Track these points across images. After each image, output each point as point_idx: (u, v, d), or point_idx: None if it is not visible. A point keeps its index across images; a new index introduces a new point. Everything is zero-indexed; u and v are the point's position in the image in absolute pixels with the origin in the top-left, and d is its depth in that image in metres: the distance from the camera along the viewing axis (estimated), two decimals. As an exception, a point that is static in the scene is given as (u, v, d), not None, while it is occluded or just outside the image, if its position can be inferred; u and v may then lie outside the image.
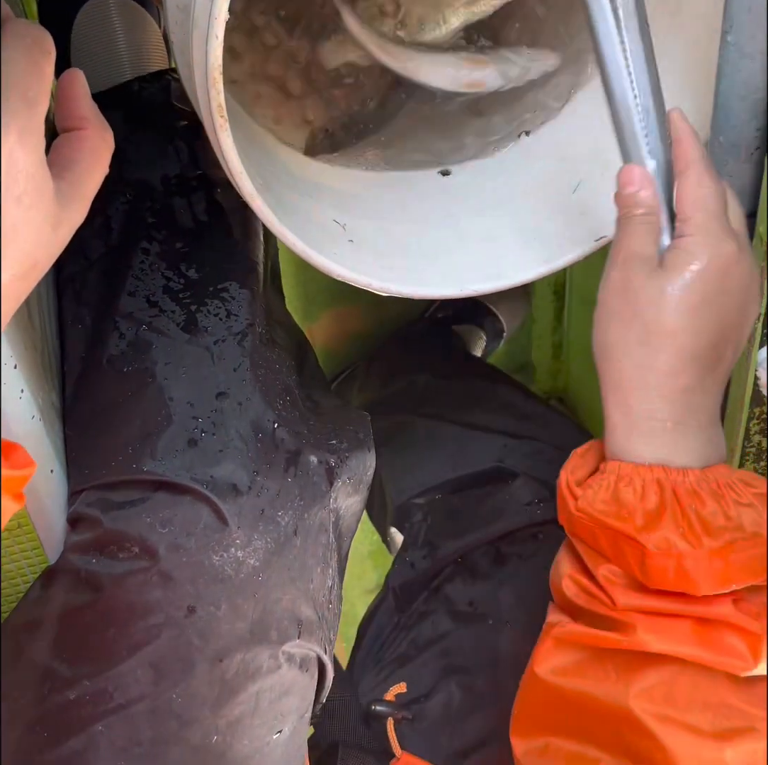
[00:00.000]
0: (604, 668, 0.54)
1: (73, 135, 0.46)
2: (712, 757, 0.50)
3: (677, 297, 0.53)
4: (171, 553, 0.60)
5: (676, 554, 0.51)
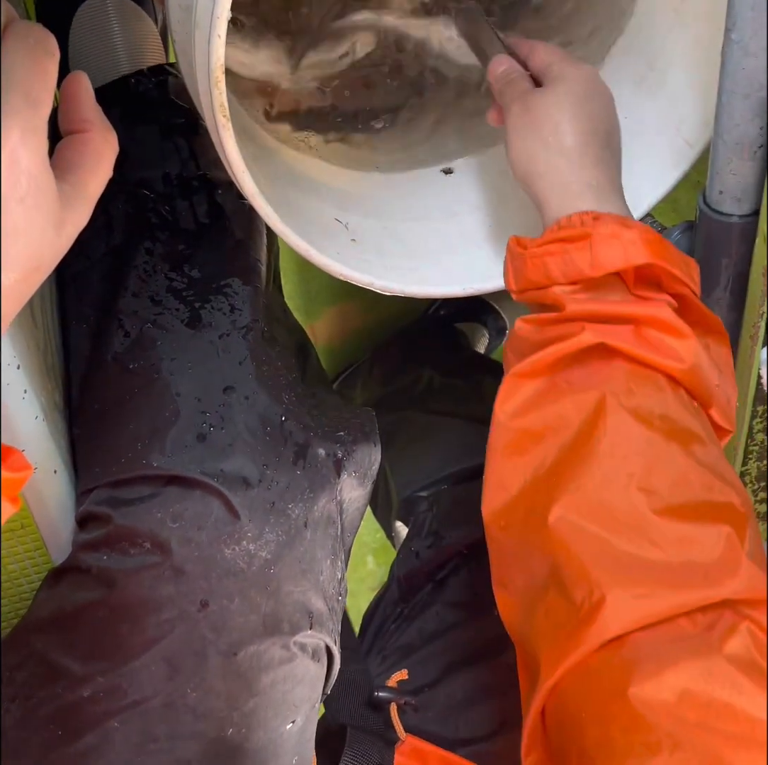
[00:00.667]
0: (558, 388, 0.58)
1: (77, 137, 0.46)
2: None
3: (562, 99, 0.66)
4: (183, 547, 0.60)
5: (618, 233, 0.59)
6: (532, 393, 0.59)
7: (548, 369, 0.59)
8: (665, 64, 0.74)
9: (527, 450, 0.58)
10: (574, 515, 0.52)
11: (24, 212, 0.42)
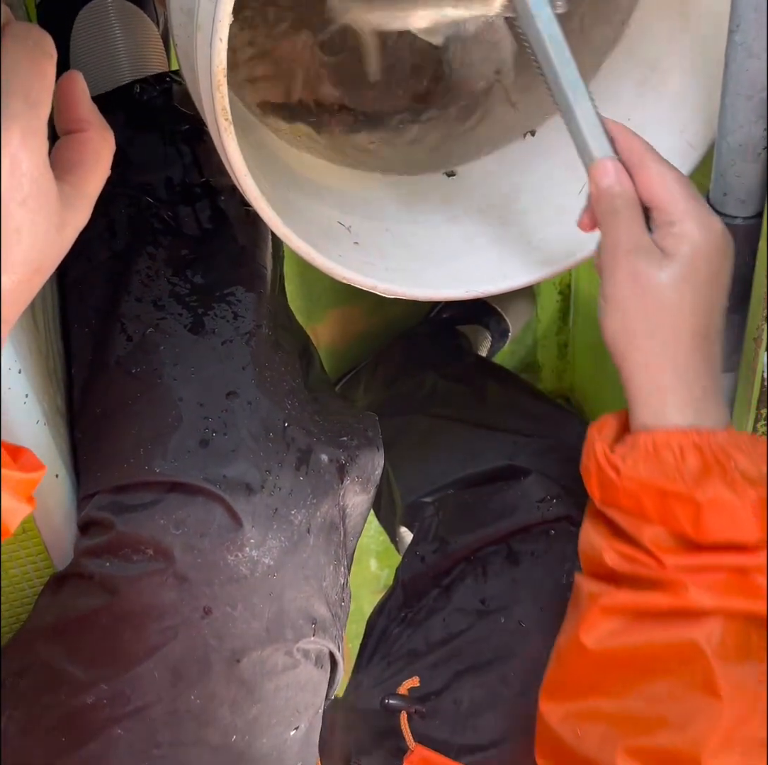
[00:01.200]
0: (652, 627, 0.56)
1: (75, 137, 0.46)
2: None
3: (690, 279, 0.57)
4: (185, 554, 0.60)
5: (726, 504, 0.53)
6: (615, 625, 0.57)
7: (640, 611, 0.56)
8: (668, 65, 0.74)
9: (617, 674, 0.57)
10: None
11: (26, 214, 0.42)
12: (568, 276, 1.29)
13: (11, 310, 0.44)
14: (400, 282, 0.69)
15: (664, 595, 0.55)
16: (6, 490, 0.44)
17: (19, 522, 0.45)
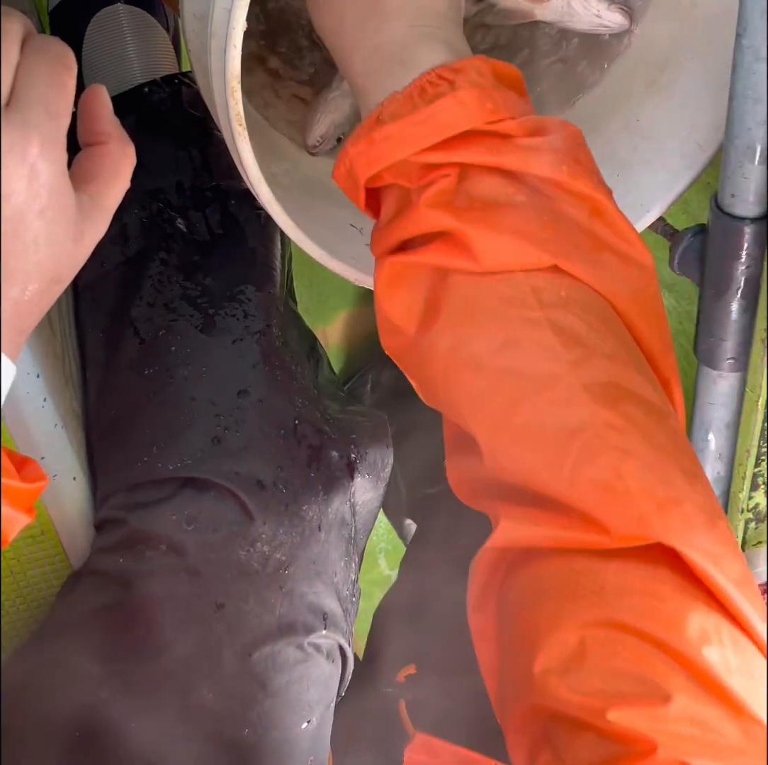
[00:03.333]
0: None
1: (95, 149, 0.47)
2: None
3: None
4: (198, 549, 0.61)
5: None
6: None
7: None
8: (676, 67, 0.74)
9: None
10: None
11: (43, 225, 0.43)
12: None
13: (27, 320, 0.45)
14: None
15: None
16: (5, 500, 0.44)
17: (16, 532, 0.45)
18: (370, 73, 0.54)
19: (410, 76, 0.52)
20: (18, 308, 0.43)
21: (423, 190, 0.51)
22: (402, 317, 0.53)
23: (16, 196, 0.41)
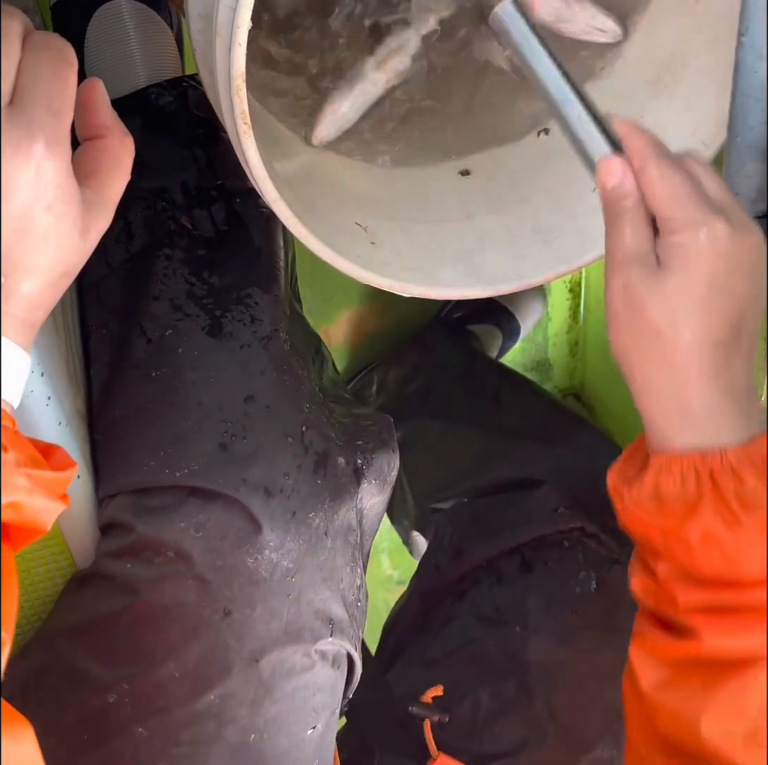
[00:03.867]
0: (690, 682, 0.51)
1: (95, 143, 0.47)
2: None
3: (683, 295, 0.51)
4: (205, 556, 0.60)
5: (717, 541, 0.49)
6: (663, 671, 0.53)
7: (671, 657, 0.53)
8: (680, 65, 0.74)
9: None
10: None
11: (51, 220, 0.43)
12: (578, 274, 1.29)
13: (38, 314, 0.45)
14: (417, 281, 0.69)
15: (686, 642, 0.51)
16: (39, 489, 0.44)
17: (54, 519, 0.46)
18: (707, 417, 0.52)
19: (721, 438, 0.51)
20: (30, 303, 0.44)
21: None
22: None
23: (24, 193, 0.42)
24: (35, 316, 0.45)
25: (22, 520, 0.44)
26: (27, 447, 0.45)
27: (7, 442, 0.43)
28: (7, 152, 0.41)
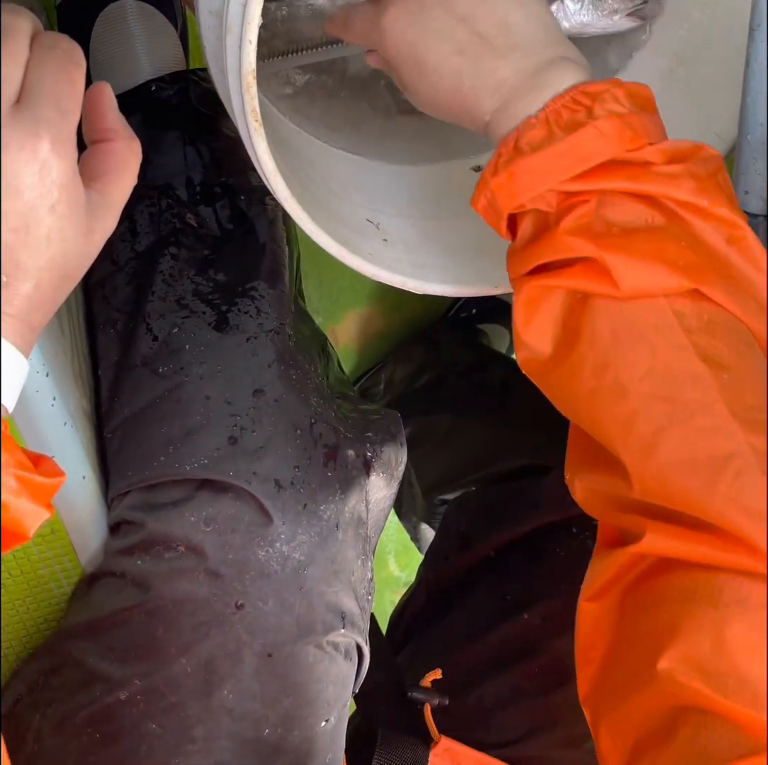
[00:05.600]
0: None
1: (102, 146, 0.47)
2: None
3: (399, 28, 0.56)
4: (217, 550, 0.60)
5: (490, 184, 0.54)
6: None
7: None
8: (695, 58, 0.74)
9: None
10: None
11: (55, 221, 0.43)
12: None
13: (38, 316, 0.45)
14: (430, 278, 0.69)
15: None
16: (27, 492, 0.44)
17: (37, 526, 0.45)
18: (499, 106, 0.55)
19: (543, 99, 0.53)
20: (30, 304, 0.44)
21: (561, 215, 0.53)
22: (538, 338, 0.54)
23: (29, 191, 0.42)
24: (35, 319, 0.45)
25: (6, 522, 0.44)
26: (17, 451, 0.44)
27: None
28: (12, 151, 0.41)
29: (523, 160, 0.52)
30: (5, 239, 0.42)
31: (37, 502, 0.45)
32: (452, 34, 0.55)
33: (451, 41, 0.55)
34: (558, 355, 0.54)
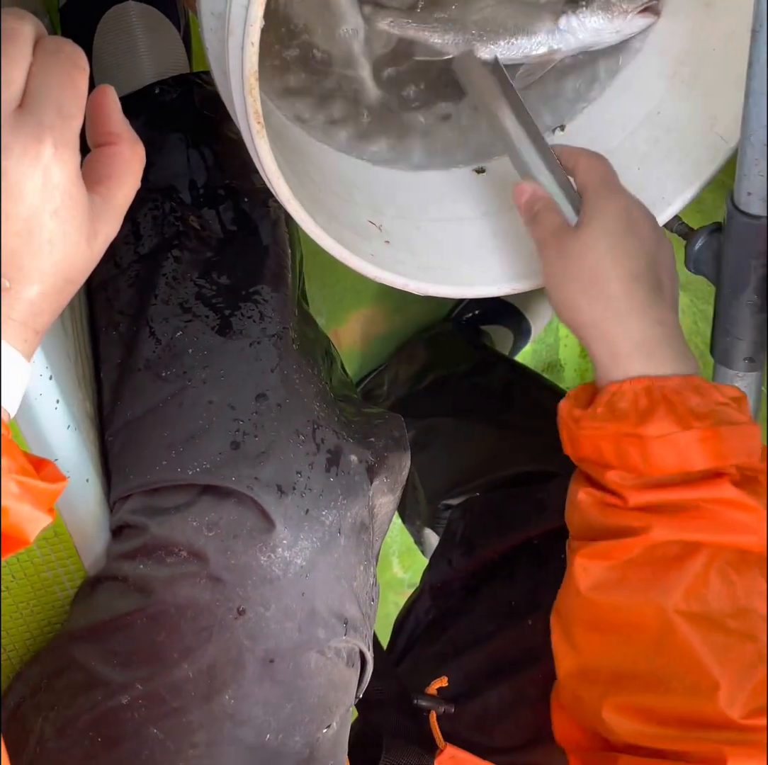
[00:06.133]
0: (637, 578, 0.58)
1: (105, 150, 0.47)
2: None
3: (599, 237, 0.63)
4: (219, 555, 0.60)
5: (672, 437, 0.58)
6: (606, 574, 0.60)
7: (618, 558, 0.60)
8: (697, 59, 0.74)
9: (605, 632, 0.60)
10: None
11: (57, 225, 0.43)
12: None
13: (41, 320, 0.45)
14: (432, 280, 0.70)
15: (633, 538, 0.58)
16: (29, 497, 0.44)
17: (38, 531, 0.45)
18: (648, 343, 0.61)
19: (687, 368, 0.61)
20: (33, 308, 0.44)
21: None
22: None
23: (31, 196, 0.42)
24: (38, 323, 0.44)
25: (7, 527, 0.44)
26: (19, 456, 0.44)
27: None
28: (14, 155, 0.41)
29: (729, 427, 0.58)
30: (8, 244, 0.42)
31: (38, 508, 0.45)
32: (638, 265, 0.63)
33: (649, 259, 0.64)
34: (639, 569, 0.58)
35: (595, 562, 0.60)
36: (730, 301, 0.71)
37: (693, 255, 0.73)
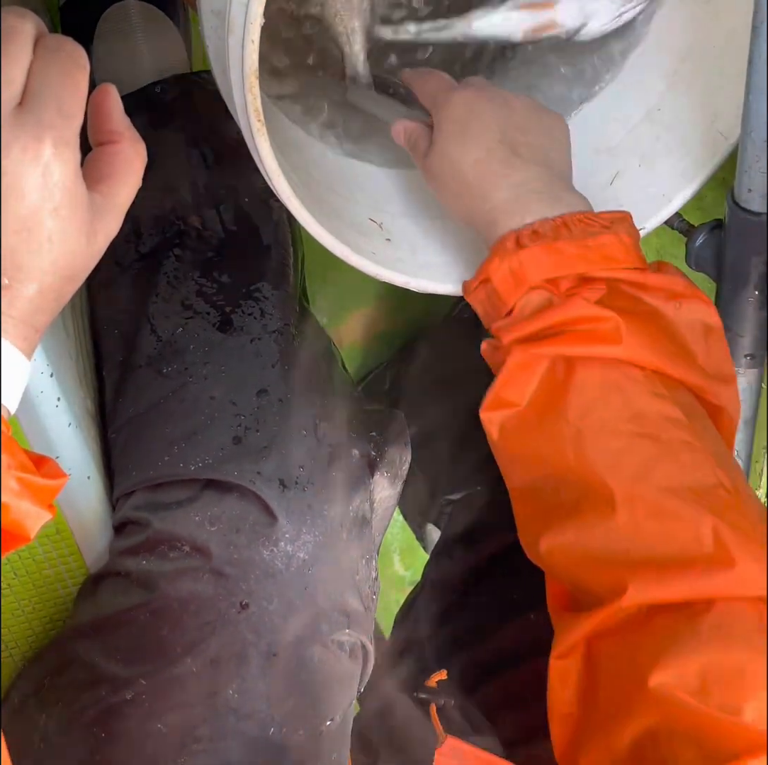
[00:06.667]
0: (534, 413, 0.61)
1: (106, 149, 0.47)
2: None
3: (444, 146, 0.66)
4: (222, 550, 0.61)
5: (511, 260, 0.61)
6: (508, 422, 0.63)
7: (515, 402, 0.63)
8: (698, 56, 0.74)
9: (525, 463, 0.64)
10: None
11: (57, 223, 0.43)
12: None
13: (41, 318, 0.45)
14: (432, 278, 0.70)
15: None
16: (28, 494, 0.44)
17: (38, 528, 0.45)
18: (511, 205, 0.63)
19: (559, 210, 0.62)
20: (33, 306, 0.44)
21: (573, 292, 0.61)
22: (517, 394, 0.62)
23: (31, 194, 0.41)
24: (38, 321, 0.44)
25: (8, 524, 0.44)
26: (18, 453, 0.44)
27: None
28: (14, 153, 0.41)
29: (558, 242, 0.61)
30: (7, 242, 0.42)
31: (38, 504, 0.45)
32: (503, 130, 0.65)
33: (496, 132, 0.65)
34: (538, 405, 0.61)
35: (498, 412, 0.63)
36: (731, 298, 0.71)
37: (694, 252, 0.73)
